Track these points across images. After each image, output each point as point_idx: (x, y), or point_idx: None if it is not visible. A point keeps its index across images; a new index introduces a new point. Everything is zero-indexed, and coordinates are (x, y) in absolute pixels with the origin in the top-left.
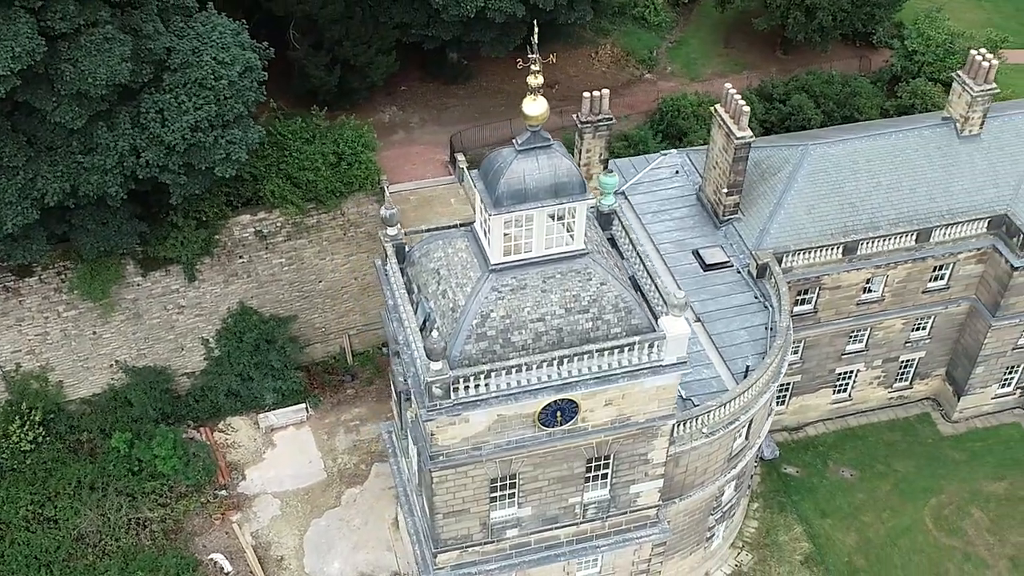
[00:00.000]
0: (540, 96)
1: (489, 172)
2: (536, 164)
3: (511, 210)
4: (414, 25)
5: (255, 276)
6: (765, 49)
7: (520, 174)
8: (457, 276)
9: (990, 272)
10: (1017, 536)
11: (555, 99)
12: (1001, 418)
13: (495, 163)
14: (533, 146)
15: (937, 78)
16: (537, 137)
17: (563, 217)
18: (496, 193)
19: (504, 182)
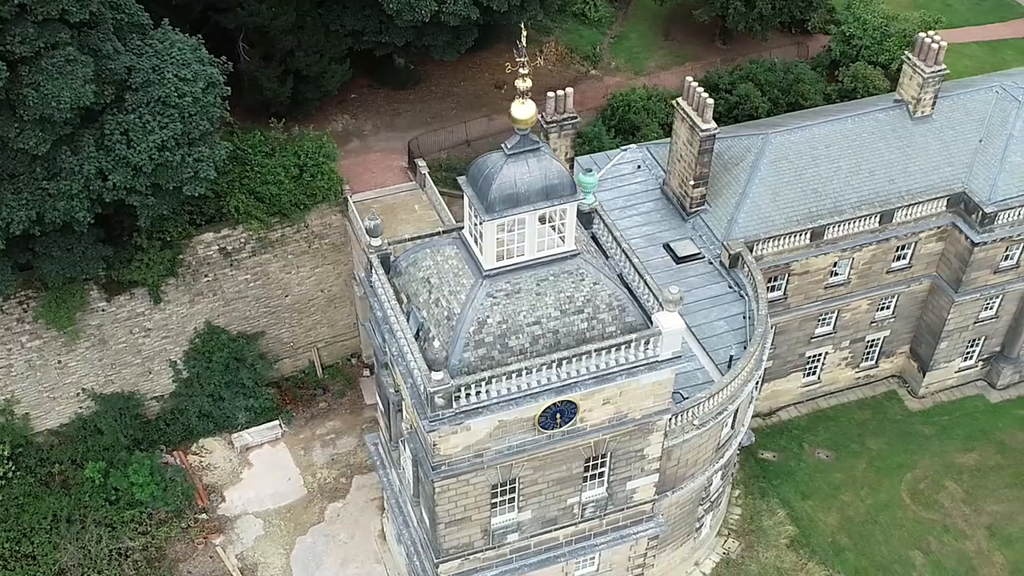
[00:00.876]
0: (528, 99)
1: (479, 178)
2: (527, 167)
3: (504, 215)
4: (366, 32)
5: (221, 294)
6: (704, 40)
7: (511, 178)
8: (449, 284)
9: (950, 249)
10: (992, 505)
11: (505, 99)
12: (965, 391)
13: (484, 168)
14: (523, 149)
15: (876, 61)
16: (526, 140)
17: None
18: (488, 199)
19: (496, 187)
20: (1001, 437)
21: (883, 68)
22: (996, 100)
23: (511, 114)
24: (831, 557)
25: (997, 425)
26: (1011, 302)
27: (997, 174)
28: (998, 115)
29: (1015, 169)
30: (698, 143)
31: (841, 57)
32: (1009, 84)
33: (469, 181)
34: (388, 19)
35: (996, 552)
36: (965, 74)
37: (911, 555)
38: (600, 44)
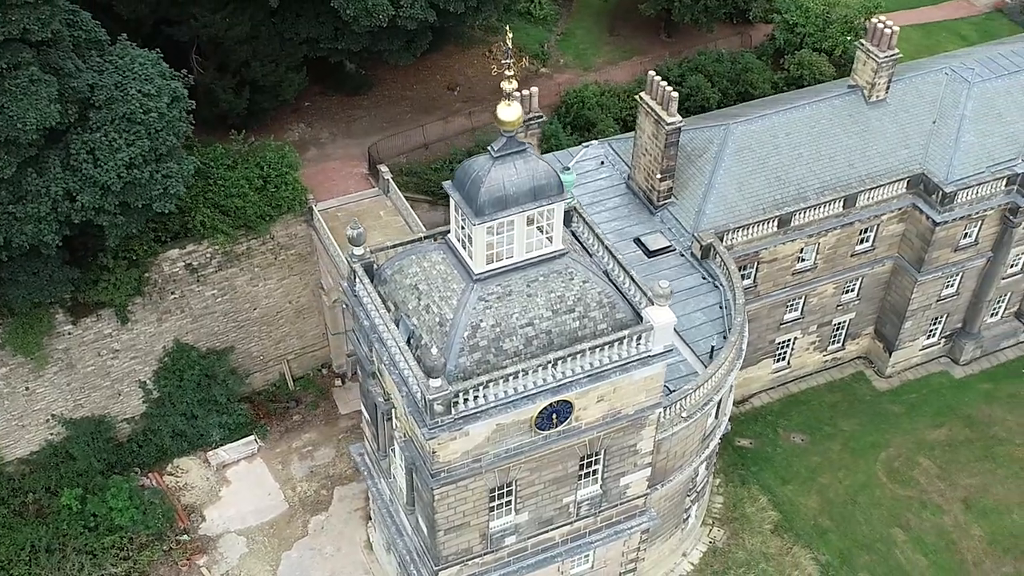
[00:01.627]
0: (515, 101)
1: (466, 182)
2: (514, 169)
3: (494, 218)
4: (322, 39)
5: (189, 311)
6: (649, 34)
7: (500, 181)
8: (439, 290)
9: (912, 230)
10: (965, 479)
11: (459, 101)
12: (929, 368)
13: (471, 172)
14: (509, 151)
15: (820, 48)
16: (513, 142)
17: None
18: (478, 202)
19: (485, 191)
20: (968, 412)
21: (827, 54)
22: (946, 82)
23: (497, 116)
24: (815, 540)
25: (963, 400)
26: (971, 279)
27: (953, 154)
28: (949, 96)
29: (969, 149)
30: (664, 136)
31: (786, 45)
32: (957, 65)
33: (455, 186)
34: (344, 26)
35: (973, 525)
36: (903, 58)
37: (892, 533)
38: (547, 42)
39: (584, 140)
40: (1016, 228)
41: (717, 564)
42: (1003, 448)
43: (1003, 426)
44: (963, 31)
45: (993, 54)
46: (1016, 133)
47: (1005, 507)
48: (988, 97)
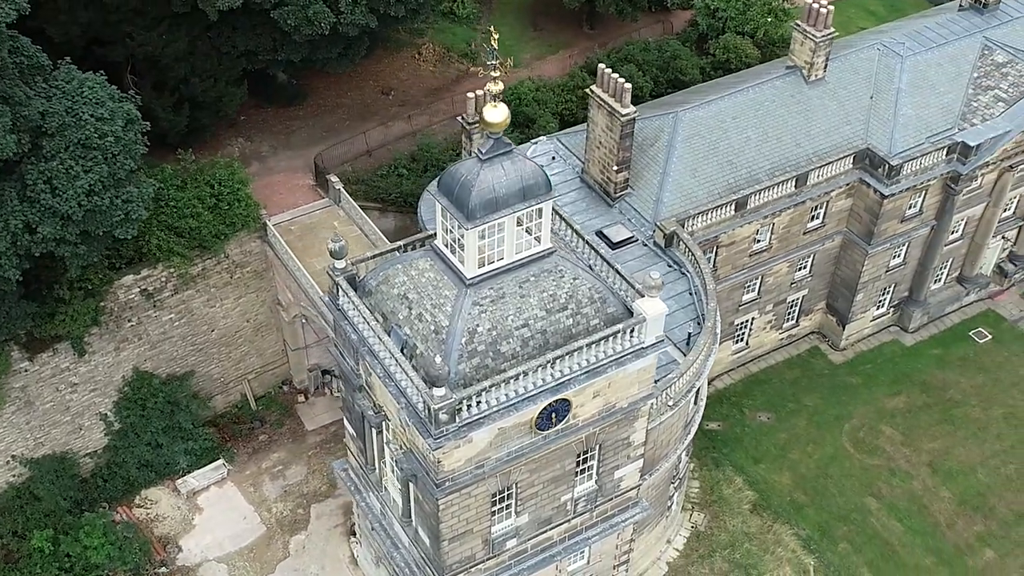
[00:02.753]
0: (501, 103)
1: (455, 187)
2: (503, 171)
3: (486, 221)
4: (260, 51)
5: (146, 338)
6: (572, 26)
7: (490, 183)
8: (431, 297)
9: (859, 204)
10: (928, 443)
11: (394, 105)
12: (881, 338)
13: (460, 176)
14: (497, 153)
15: (743, 31)
16: (500, 143)
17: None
18: (469, 207)
19: (476, 194)
20: (923, 377)
21: (750, 37)
22: (879, 57)
23: (483, 118)
24: (793, 515)
25: (916, 367)
26: (916, 248)
27: (893, 128)
28: (884, 71)
29: (908, 121)
30: (619, 128)
31: (708, 30)
32: (888, 40)
33: (442, 191)
34: (283, 36)
35: (941, 487)
36: None
37: (865, 502)
38: (474, 41)
39: (524, 137)
40: (957, 196)
41: (702, 548)
42: (960, 410)
43: (957, 389)
44: (871, 7)
45: (919, 27)
46: (950, 103)
47: (969, 467)
48: (920, 70)
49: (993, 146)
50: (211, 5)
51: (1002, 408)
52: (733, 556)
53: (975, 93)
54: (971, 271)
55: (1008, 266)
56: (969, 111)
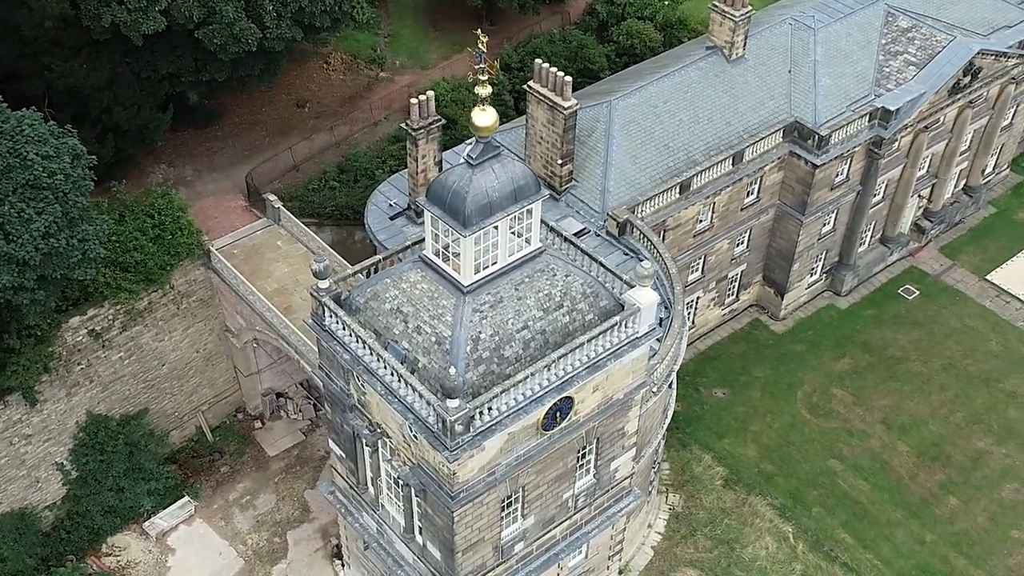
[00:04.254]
0: (489, 106)
1: (446, 195)
2: (494, 174)
3: (482, 226)
4: (182, 74)
5: (98, 380)
6: (472, 23)
7: (483, 189)
8: (428, 309)
9: (791, 176)
10: (878, 401)
11: (311, 117)
12: (817, 304)
13: (451, 184)
14: (487, 157)
15: (643, 16)
16: (489, 147)
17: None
18: (465, 214)
19: (471, 201)
20: (863, 338)
21: (650, 21)
22: (792, 31)
23: (472, 122)
24: (764, 486)
25: (855, 328)
26: (844, 214)
27: (815, 99)
28: (799, 45)
29: (828, 92)
30: (562, 121)
31: (609, 17)
32: (798, 14)
33: (433, 201)
34: (206, 56)
35: (898, 442)
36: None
37: (830, 464)
38: (379, 46)
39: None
40: (880, 159)
41: (683, 529)
42: (903, 366)
43: (896, 346)
44: None
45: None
46: (863, 71)
47: (920, 420)
48: (832, 40)
49: (911, 109)
50: (135, 30)
51: (940, 360)
52: (714, 533)
53: (886, 59)
54: (893, 231)
55: (924, 223)
56: (882, 77)
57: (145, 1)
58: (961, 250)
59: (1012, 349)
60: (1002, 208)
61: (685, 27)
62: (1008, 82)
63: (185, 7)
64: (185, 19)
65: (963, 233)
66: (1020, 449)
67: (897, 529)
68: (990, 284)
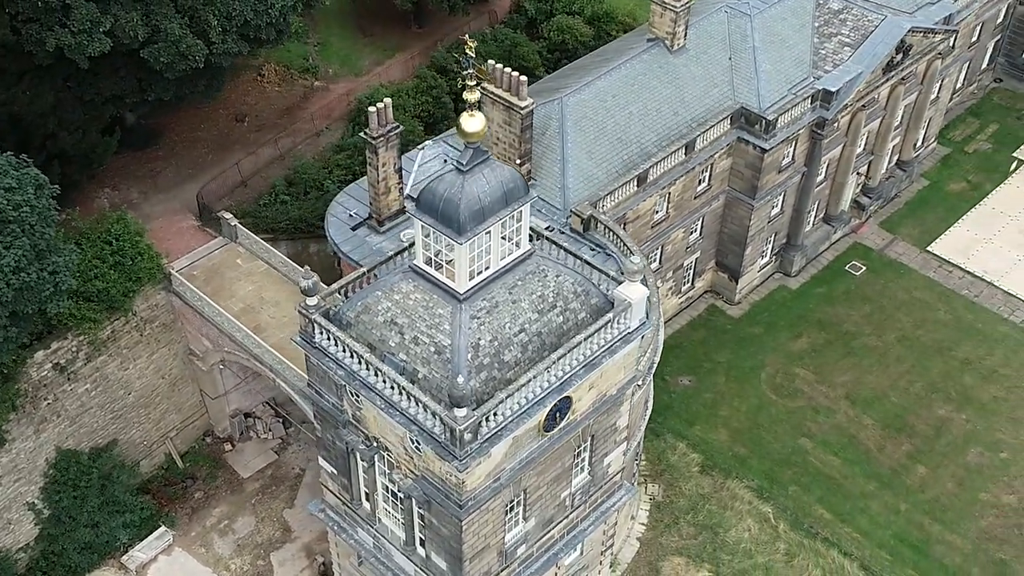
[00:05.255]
0: (477, 111)
1: (438, 204)
2: (485, 180)
3: (476, 232)
4: (127, 95)
5: (65, 414)
6: (400, 27)
7: (475, 195)
8: (424, 319)
9: (739, 161)
10: (839, 377)
11: (251, 131)
12: (768, 286)
13: (442, 192)
14: (477, 162)
15: (571, 11)
16: (479, 152)
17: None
18: (459, 221)
19: (464, 207)
20: (817, 316)
21: (579, 15)
22: (729, 19)
23: (461, 127)
24: (739, 469)
25: (808, 307)
26: (791, 195)
27: (757, 85)
28: (737, 32)
29: (769, 76)
30: (519, 121)
31: (537, 14)
32: (733, 2)
33: (424, 210)
34: (151, 75)
35: (863, 416)
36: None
37: (800, 443)
38: (310, 55)
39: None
40: (823, 140)
41: (666, 518)
42: (858, 341)
43: (850, 322)
44: None
45: None
46: (800, 54)
47: (881, 393)
48: (769, 26)
49: (850, 89)
50: (80, 53)
51: (894, 332)
52: (697, 519)
53: (821, 41)
54: (835, 209)
55: (864, 199)
56: (819, 59)
57: (89, 23)
58: (900, 224)
59: (960, 317)
60: (934, 180)
61: (612, 20)
62: (935, 57)
63: (129, 27)
64: (130, 39)
65: (900, 207)
66: (979, 414)
67: (871, 501)
68: (932, 255)
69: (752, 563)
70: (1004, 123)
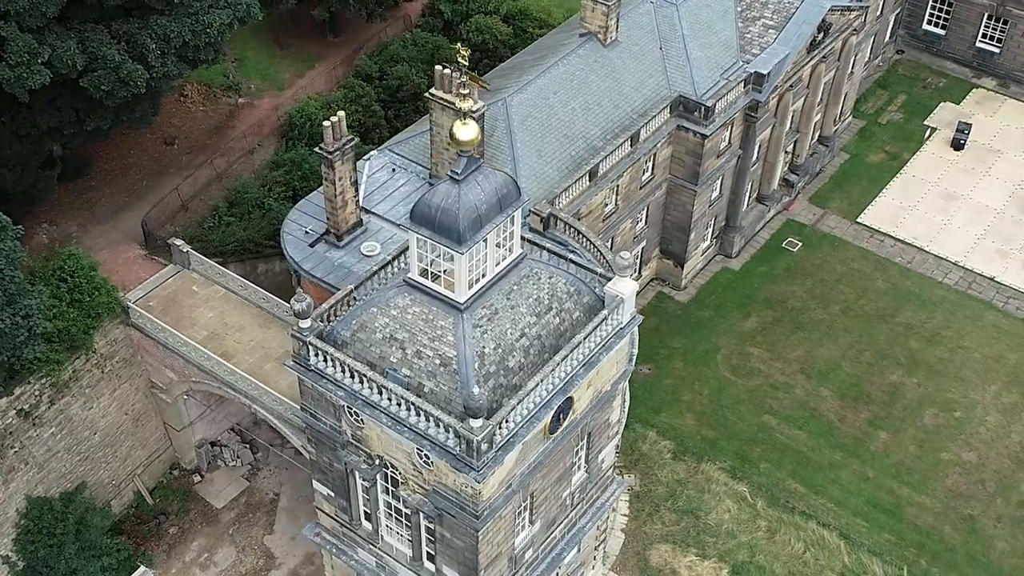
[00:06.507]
0: (471, 120)
1: (434, 216)
2: (480, 188)
3: (475, 241)
4: (64, 126)
5: (33, 461)
6: (316, 37)
7: (472, 203)
8: (425, 332)
9: (680, 149)
10: (792, 352)
11: (182, 153)
12: (711, 269)
13: (438, 203)
14: (471, 171)
15: (488, 10)
16: (472, 160)
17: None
18: (459, 231)
19: (463, 217)
20: (763, 295)
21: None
22: (655, 9)
23: (454, 136)
24: (710, 452)
25: (753, 286)
26: (728, 178)
27: (691, 72)
28: (664, 22)
29: (701, 63)
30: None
31: (454, 16)
32: None
33: (419, 222)
34: (88, 105)
35: (820, 388)
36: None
37: (764, 420)
38: (229, 72)
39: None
40: (757, 122)
41: (647, 507)
42: (805, 316)
43: (795, 298)
44: None
45: None
46: (728, 39)
47: (834, 364)
48: (695, 13)
49: (780, 70)
50: (20, 86)
51: (837, 304)
52: (677, 505)
53: (745, 26)
54: (768, 189)
55: (792, 176)
56: (746, 43)
57: (27, 55)
58: (828, 198)
59: (897, 284)
60: (853, 153)
61: (528, 17)
62: (851, 34)
63: (67, 56)
64: (68, 68)
65: (826, 181)
66: (929, 376)
67: (840, 471)
68: (862, 226)
69: (736, 543)
70: (911, 93)
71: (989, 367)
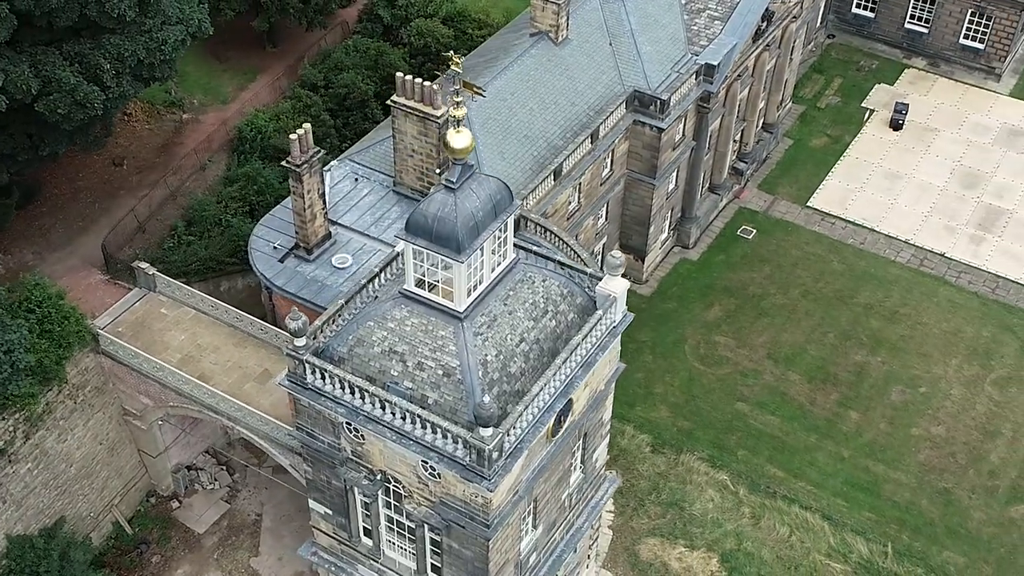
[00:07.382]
0: (464, 128)
1: (431, 226)
2: (475, 195)
3: (473, 249)
4: (18, 152)
5: (11, 500)
6: (254, 49)
7: (468, 211)
8: (426, 343)
9: (636, 143)
10: (757, 339)
11: (132, 174)
12: (670, 260)
13: (434, 212)
14: (465, 179)
15: (427, 14)
16: (466, 168)
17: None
18: (457, 240)
19: (461, 225)
20: (723, 284)
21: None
22: (603, 5)
23: (448, 144)
24: (687, 443)
25: (713, 276)
26: (683, 170)
27: (643, 67)
28: (612, 18)
29: (652, 57)
30: (436, 130)
31: (393, 20)
32: None
33: (415, 233)
34: (43, 128)
35: (788, 373)
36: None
37: (737, 408)
38: (171, 88)
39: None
40: (708, 113)
41: (632, 502)
42: (767, 302)
43: (755, 284)
44: None
45: None
46: (675, 32)
47: (800, 348)
48: (641, 8)
49: (728, 60)
50: None
51: (797, 289)
52: (661, 498)
53: (691, 18)
54: (719, 178)
55: (740, 165)
56: (693, 35)
57: None
58: (777, 184)
59: (852, 266)
60: (797, 138)
61: (467, 19)
62: (791, 21)
63: (21, 81)
64: (23, 93)
65: (773, 168)
66: (892, 354)
67: (816, 453)
68: (813, 210)
69: (723, 531)
70: (846, 76)
71: (949, 341)
